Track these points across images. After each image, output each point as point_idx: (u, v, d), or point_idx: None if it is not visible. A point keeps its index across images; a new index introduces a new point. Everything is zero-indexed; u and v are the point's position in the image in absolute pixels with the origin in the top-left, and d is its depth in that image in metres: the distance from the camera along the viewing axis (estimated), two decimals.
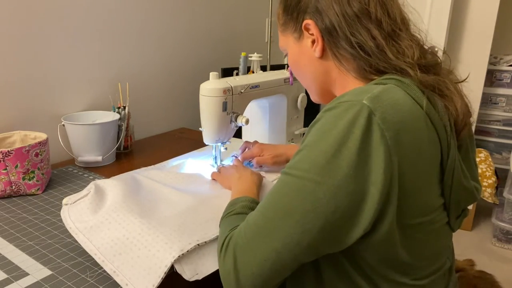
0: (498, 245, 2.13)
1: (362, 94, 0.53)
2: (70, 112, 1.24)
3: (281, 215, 0.54)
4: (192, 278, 0.64)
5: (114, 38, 1.37)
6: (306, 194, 0.52)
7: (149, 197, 0.84)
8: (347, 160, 0.50)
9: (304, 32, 0.67)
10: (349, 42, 0.62)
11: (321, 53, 0.66)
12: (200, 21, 1.71)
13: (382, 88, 0.55)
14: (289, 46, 0.73)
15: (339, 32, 0.63)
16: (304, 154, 0.55)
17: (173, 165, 1.08)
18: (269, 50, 1.71)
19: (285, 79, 1.19)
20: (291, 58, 0.74)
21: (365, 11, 0.62)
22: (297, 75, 0.76)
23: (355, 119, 0.51)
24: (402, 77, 0.58)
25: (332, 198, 0.51)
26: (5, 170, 0.93)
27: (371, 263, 0.57)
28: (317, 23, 0.65)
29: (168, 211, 0.78)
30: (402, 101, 0.54)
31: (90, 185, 0.85)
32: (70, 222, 0.75)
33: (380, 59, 0.61)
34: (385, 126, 0.51)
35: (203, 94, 0.95)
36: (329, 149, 0.51)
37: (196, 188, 0.92)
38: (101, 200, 0.80)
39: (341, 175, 0.50)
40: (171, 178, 0.95)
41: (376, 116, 0.51)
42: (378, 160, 0.50)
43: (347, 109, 0.52)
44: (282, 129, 1.26)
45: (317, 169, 0.52)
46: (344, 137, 0.51)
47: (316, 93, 0.74)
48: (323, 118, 0.55)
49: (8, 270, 0.69)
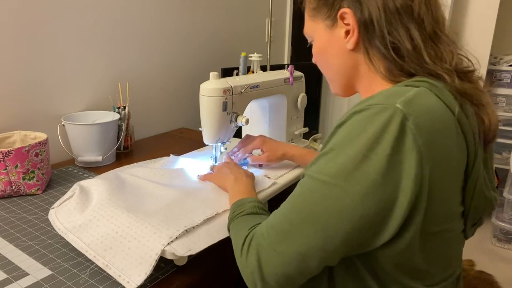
0: (498, 245, 2.13)
1: (394, 97, 0.51)
2: (70, 112, 1.24)
3: (306, 220, 0.52)
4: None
5: (114, 39, 1.37)
6: (332, 200, 0.50)
7: (135, 193, 0.84)
8: (376, 166, 0.48)
9: (339, 20, 0.63)
10: (384, 41, 0.59)
11: (354, 46, 0.62)
12: (200, 21, 1.71)
13: (416, 92, 0.52)
14: (317, 33, 0.68)
15: (375, 28, 0.59)
16: (330, 158, 0.52)
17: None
18: (269, 50, 1.71)
19: (285, 79, 1.19)
20: (318, 46, 0.69)
21: (408, 8, 0.58)
22: (321, 64, 0.71)
23: (387, 124, 0.49)
24: (435, 81, 0.56)
25: (359, 205, 0.49)
26: (5, 170, 0.93)
27: (385, 267, 0.56)
28: (355, 13, 0.60)
29: (154, 204, 0.79)
30: (435, 107, 0.52)
31: (75, 186, 0.86)
32: (59, 223, 0.76)
33: (414, 62, 0.58)
34: (418, 132, 0.48)
35: (203, 94, 0.95)
36: (357, 154, 0.49)
37: (180, 183, 0.93)
38: (87, 199, 0.81)
39: (369, 182, 0.48)
40: (155, 174, 0.96)
41: (410, 121, 0.48)
42: (409, 167, 0.48)
43: (378, 113, 0.50)
44: (282, 129, 1.26)
45: (344, 175, 0.50)
46: (374, 142, 0.49)
47: (339, 85, 0.70)
48: (351, 120, 0.53)
49: (8, 270, 0.69)
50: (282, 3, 2.31)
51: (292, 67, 1.21)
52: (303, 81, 1.30)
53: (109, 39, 1.35)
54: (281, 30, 2.36)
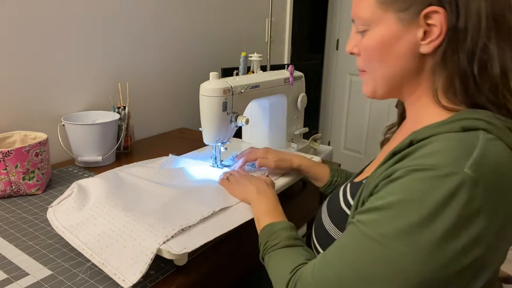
0: None
1: (461, 159, 0.46)
2: (70, 112, 1.24)
3: (357, 278, 0.49)
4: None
5: (114, 38, 1.37)
6: (389, 264, 0.47)
7: (132, 192, 0.85)
8: (440, 234, 0.45)
9: (421, 18, 0.54)
10: (472, 57, 0.51)
11: (431, 51, 0.54)
12: (200, 21, 1.71)
13: (483, 149, 0.47)
14: (382, 24, 0.57)
15: (467, 39, 0.51)
16: (387, 218, 0.48)
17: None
18: (269, 50, 1.71)
19: (285, 79, 1.19)
20: (377, 39, 0.58)
21: (503, 18, 0.51)
22: (373, 60, 0.60)
23: (456, 192, 0.44)
24: (493, 117, 0.50)
25: (418, 270, 0.46)
26: (5, 170, 0.93)
27: None
28: (449, 16, 0.52)
29: (151, 203, 0.80)
30: (503, 158, 0.48)
31: (73, 185, 0.86)
32: (56, 222, 0.76)
33: (493, 90, 0.51)
34: (488, 197, 0.45)
35: (203, 94, 0.95)
36: (421, 220, 0.45)
37: (178, 183, 0.93)
38: (85, 198, 0.81)
39: (431, 248, 0.45)
40: (153, 174, 0.96)
41: (479, 187, 0.44)
42: (474, 234, 0.45)
43: (445, 177, 0.45)
44: (282, 129, 1.26)
45: (404, 239, 0.46)
46: (440, 210, 0.45)
47: (387, 88, 0.62)
48: (409, 178, 0.47)
49: (8, 270, 0.69)
50: (282, 3, 2.31)
51: (292, 67, 1.22)
52: (303, 81, 1.30)
53: (109, 39, 1.35)
54: (281, 30, 2.36)
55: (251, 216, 0.80)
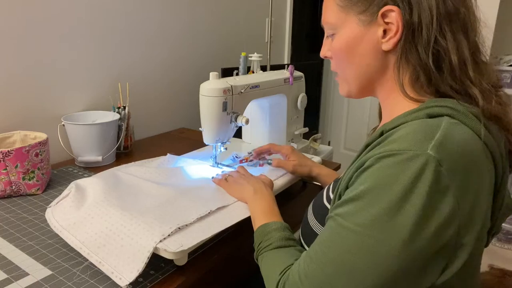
0: (498, 245, 2.13)
1: (424, 140, 0.48)
2: (70, 112, 1.24)
3: (341, 271, 0.50)
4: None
5: (114, 38, 1.37)
6: (368, 253, 0.48)
7: (130, 191, 0.85)
8: (412, 217, 0.46)
9: (379, 18, 0.57)
10: (428, 49, 0.54)
11: (392, 47, 0.57)
12: (200, 21, 1.71)
13: (445, 131, 0.49)
14: (345, 27, 0.61)
15: (423, 33, 0.54)
16: (361, 207, 0.50)
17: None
18: (269, 50, 1.71)
19: (285, 79, 1.19)
20: (342, 41, 0.62)
21: (457, 14, 0.54)
22: (342, 62, 0.64)
23: (421, 172, 0.46)
24: (457, 103, 0.53)
25: (396, 257, 0.47)
26: (5, 170, 0.93)
27: None
28: (403, 13, 0.55)
29: (148, 203, 0.80)
30: (465, 141, 0.50)
31: (71, 184, 0.87)
32: (54, 221, 0.77)
33: (452, 77, 0.54)
34: (453, 176, 0.47)
35: (203, 94, 0.95)
36: (392, 205, 0.47)
37: (176, 182, 0.93)
38: (83, 197, 0.82)
39: (405, 233, 0.46)
40: (151, 173, 0.96)
41: (443, 167, 0.46)
42: (444, 213, 0.46)
43: (409, 160, 0.47)
44: (282, 129, 1.26)
45: (379, 226, 0.47)
46: (409, 193, 0.46)
47: (359, 87, 0.65)
48: (378, 166, 0.49)
49: (8, 270, 0.69)
50: (282, 3, 2.31)
51: (292, 67, 1.22)
52: (303, 81, 1.30)
53: (109, 39, 1.35)
54: (281, 30, 2.36)
55: (248, 214, 0.80)
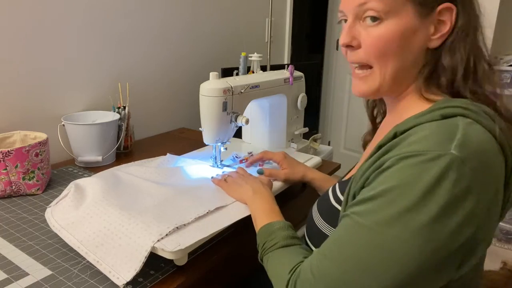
0: (498, 245, 2.13)
1: (446, 142, 0.48)
2: (70, 112, 1.24)
3: (359, 269, 0.50)
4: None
5: (114, 38, 1.37)
6: (387, 251, 0.48)
7: (129, 191, 0.85)
8: (434, 215, 0.46)
9: (436, 13, 0.56)
10: (469, 53, 0.55)
11: (437, 46, 0.57)
12: (200, 21, 1.71)
13: (463, 131, 0.49)
14: (401, 15, 0.56)
15: (469, 37, 0.55)
16: (381, 206, 0.49)
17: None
18: (269, 50, 1.71)
19: (285, 79, 1.19)
20: (395, 30, 0.56)
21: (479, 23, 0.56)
22: (383, 53, 0.58)
23: (446, 172, 0.46)
24: (468, 103, 0.53)
25: (417, 255, 0.47)
26: (5, 170, 0.93)
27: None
28: (459, 13, 0.56)
29: (147, 202, 0.80)
30: (483, 139, 0.50)
31: (70, 184, 0.87)
32: (53, 221, 0.77)
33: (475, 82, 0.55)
34: (475, 175, 0.47)
35: (203, 94, 0.95)
36: (414, 203, 0.47)
37: (175, 182, 0.93)
38: (82, 197, 0.82)
39: (426, 232, 0.46)
40: (150, 173, 0.96)
41: (467, 166, 0.46)
42: (465, 212, 0.47)
43: (433, 160, 0.47)
44: (282, 129, 1.26)
45: (399, 224, 0.47)
46: (431, 192, 0.46)
47: (390, 85, 0.60)
48: (400, 166, 0.49)
49: (8, 270, 0.69)
50: (282, 3, 2.31)
51: (292, 67, 1.22)
52: (303, 81, 1.30)
53: (109, 39, 1.35)
54: (281, 30, 2.36)
55: (246, 213, 0.80)
